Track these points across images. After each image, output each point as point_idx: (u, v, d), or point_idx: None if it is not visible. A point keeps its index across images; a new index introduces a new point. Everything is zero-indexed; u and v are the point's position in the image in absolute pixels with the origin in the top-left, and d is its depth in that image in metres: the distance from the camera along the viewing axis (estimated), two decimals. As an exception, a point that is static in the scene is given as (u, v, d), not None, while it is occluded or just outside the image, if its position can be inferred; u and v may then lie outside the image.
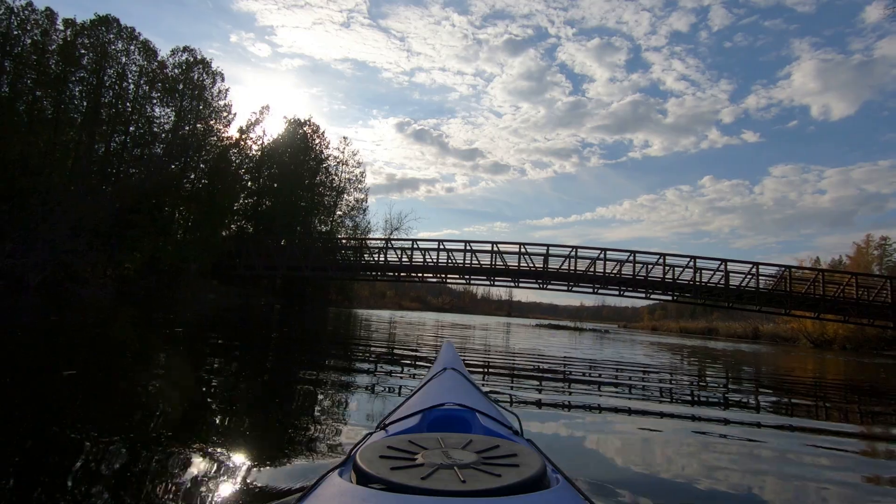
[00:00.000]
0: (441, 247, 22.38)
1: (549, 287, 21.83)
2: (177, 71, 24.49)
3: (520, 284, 22.57)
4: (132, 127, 23.39)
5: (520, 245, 21.54)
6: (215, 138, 25.85)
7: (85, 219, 17.65)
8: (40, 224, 16.62)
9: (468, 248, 21.94)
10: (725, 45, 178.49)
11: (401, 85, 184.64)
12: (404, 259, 23.00)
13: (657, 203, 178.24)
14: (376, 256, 24.20)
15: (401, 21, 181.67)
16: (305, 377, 3.87)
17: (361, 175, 34.06)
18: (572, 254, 20.89)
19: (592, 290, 21.44)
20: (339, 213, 33.16)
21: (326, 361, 5.02)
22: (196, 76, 24.91)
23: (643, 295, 21.34)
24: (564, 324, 29.70)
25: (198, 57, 25.04)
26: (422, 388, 1.47)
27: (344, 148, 33.73)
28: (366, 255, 24.91)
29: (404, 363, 5.23)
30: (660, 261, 20.26)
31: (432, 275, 23.70)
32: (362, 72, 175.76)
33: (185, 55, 24.85)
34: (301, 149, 30.82)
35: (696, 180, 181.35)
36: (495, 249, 21.67)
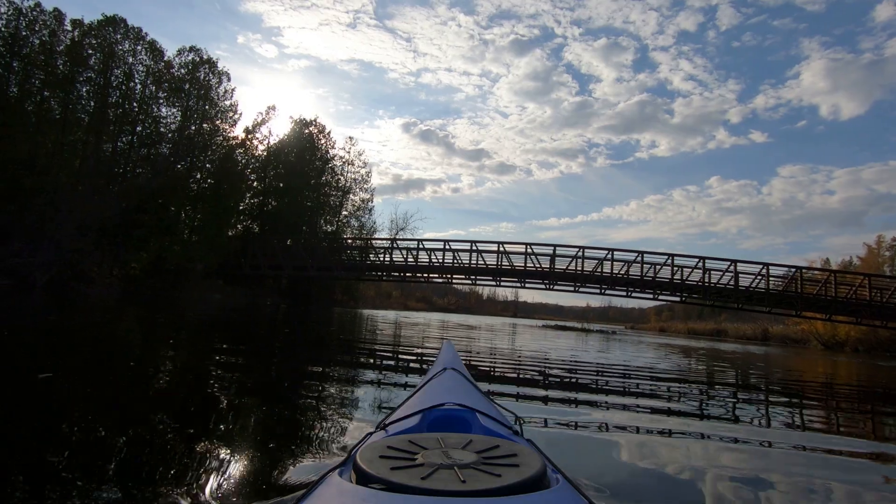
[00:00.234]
0: (447, 247, 22.30)
1: (556, 287, 21.67)
2: (183, 71, 24.58)
3: (526, 285, 22.45)
4: (139, 127, 23.50)
5: (526, 245, 21.40)
6: (221, 138, 25.90)
7: (91, 218, 17.72)
8: (47, 224, 16.70)
9: (474, 249, 21.84)
10: (733, 45, 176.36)
11: (407, 85, 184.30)
12: (410, 259, 22.93)
13: (664, 203, 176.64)
14: (382, 256, 24.17)
15: (407, 22, 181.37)
16: (307, 377, 3.84)
17: (367, 175, 34.04)
18: (579, 254, 20.72)
19: (599, 291, 21.27)
20: (345, 213, 33.16)
21: (329, 362, 4.96)
22: (202, 76, 24.99)
23: (651, 296, 21.13)
24: (571, 325, 29.46)
25: (204, 57, 25.13)
26: (422, 388, 1.47)
27: (350, 148, 33.77)
28: (371, 256, 24.89)
29: (407, 364, 5.14)
30: (668, 261, 20.06)
31: (438, 275, 23.59)
32: (368, 72, 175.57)
33: (191, 55, 24.94)
34: (307, 149, 30.81)
35: (704, 181, 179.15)
36: (501, 250, 21.55)
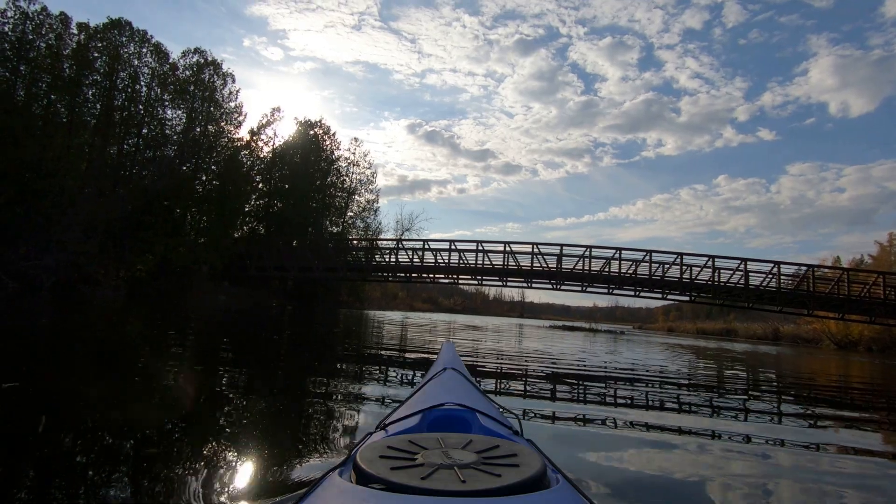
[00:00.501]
0: (453, 247, 22.16)
1: (563, 287, 21.45)
2: (188, 73, 24.63)
3: (532, 285, 22.25)
4: (144, 129, 23.58)
5: (532, 245, 21.20)
6: (226, 140, 25.96)
7: (97, 221, 17.76)
8: (53, 226, 16.75)
9: (480, 249, 21.68)
10: (740, 42, 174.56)
11: (412, 87, 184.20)
12: (415, 260, 22.82)
13: (671, 203, 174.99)
14: (387, 257, 24.07)
15: (412, 23, 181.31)
16: (307, 378, 3.80)
17: (372, 176, 33.99)
18: (586, 254, 20.50)
19: (607, 291, 21.03)
20: (351, 214, 33.13)
21: (332, 362, 4.88)
22: (207, 77, 25.03)
23: (659, 295, 20.87)
24: (579, 325, 29.21)
25: (208, 58, 25.18)
26: (422, 388, 1.47)
27: (355, 149, 33.71)
28: (377, 256, 24.80)
29: (412, 364, 5.01)
30: (677, 260, 19.79)
31: (444, 275, 23.44)
32: (374, 74, 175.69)
33: (196, 56, 25.01)
34: (312, 150, 30.80)
35: (711, 179, 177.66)
36: (507, 250, 21.37)
